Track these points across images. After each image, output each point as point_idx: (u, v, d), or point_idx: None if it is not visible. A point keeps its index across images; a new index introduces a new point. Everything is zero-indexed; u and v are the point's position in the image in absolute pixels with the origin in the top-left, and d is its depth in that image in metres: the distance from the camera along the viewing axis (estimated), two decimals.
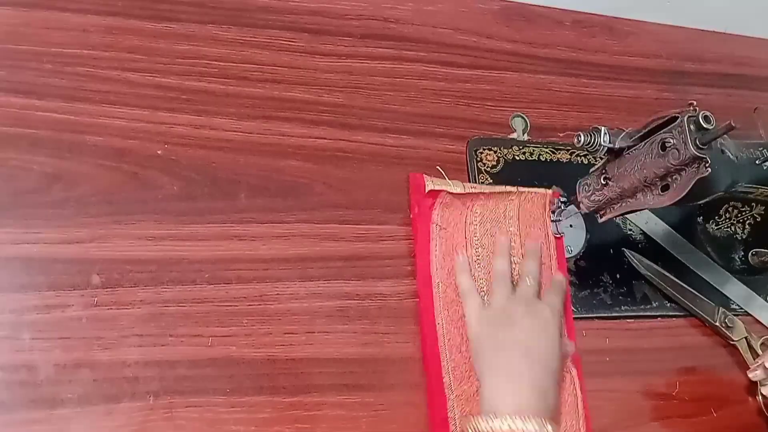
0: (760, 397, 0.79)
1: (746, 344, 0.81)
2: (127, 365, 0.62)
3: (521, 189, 0.77)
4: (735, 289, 0.84)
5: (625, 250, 0.81)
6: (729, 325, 0.80)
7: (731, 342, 0.81)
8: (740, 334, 0.81)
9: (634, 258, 0.81)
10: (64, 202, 0.65)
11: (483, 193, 0.76)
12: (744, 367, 0.80)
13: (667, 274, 0.81)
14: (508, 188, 0.77)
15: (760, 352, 0.80)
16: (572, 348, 0.72)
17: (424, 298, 0.71)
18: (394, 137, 0.77)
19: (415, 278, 0.72)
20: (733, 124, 0.61)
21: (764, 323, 0.83)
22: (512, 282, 0.72)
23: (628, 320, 0.79)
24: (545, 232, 0.78)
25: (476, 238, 0.75)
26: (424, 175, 0.75)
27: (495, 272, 0.72)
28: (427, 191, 0.74)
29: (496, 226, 0.76)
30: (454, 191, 0.74)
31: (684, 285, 0.81)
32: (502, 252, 0.74)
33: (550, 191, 0.78)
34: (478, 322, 0.69)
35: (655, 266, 0.81)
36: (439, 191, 0.74)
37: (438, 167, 0.77)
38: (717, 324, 0.80)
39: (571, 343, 0.72)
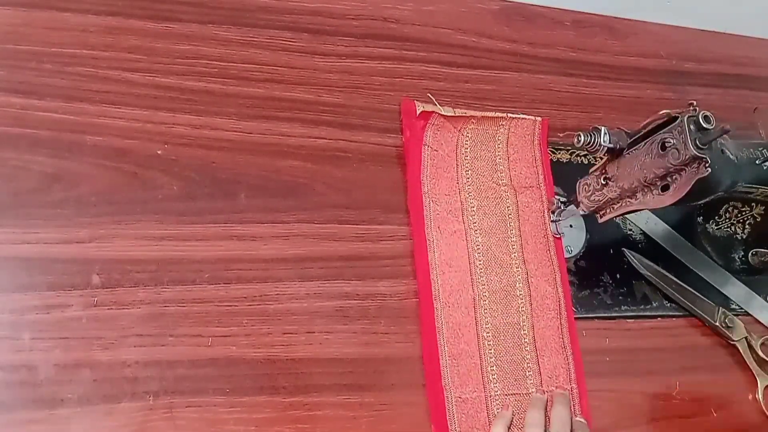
0: (760, 396, 0.79)
1: (746, 344, 0.81)
2: (127, 365, 0.62)
3: (511, 115, 0.80)
4: (735, 289, 0.84)
5: (624, 250, 0.81)
6: (729, 325, 0.80)
7: (731, 342, 0.81)
8: (740, 334, 0.81)
9: (634, 258, 0.81)
10: (64, 202, 0.65)
11: (474, 117, 0.78)
12: (744, 367, 0.80)
13: (667, 274, 0.81)
14: (499, 114, 0.79)
15: (760, 352, 0.80)
16: None
17: (416, 219, 0.74)
18: (394, 137, 0.77)
19: (415, 278, 0.73)
20: (728, 128, 0.61)
21: (764, 323, 0.83)
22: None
23: (628, 320, 0.79)
24: (533, 157, 0.80)
25: (467, 161, 0.76)
26: (415, 101, 0.77)
27: (527, 425, 0.68)
28: (418, 113, 0.76)
29: (486, 149, 0.78)
30: (445, 114, 0.77)
31: (684, 285, 0.81)
32: (536, 404, 0.70)
33: (539, 119, 0.81)
34: None
35: (655, 266, 0.81)
36: (431, 113, 0.76)
37: (429, 94, 0.79)
38: (717, 324, 0.80)
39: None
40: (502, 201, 0.77)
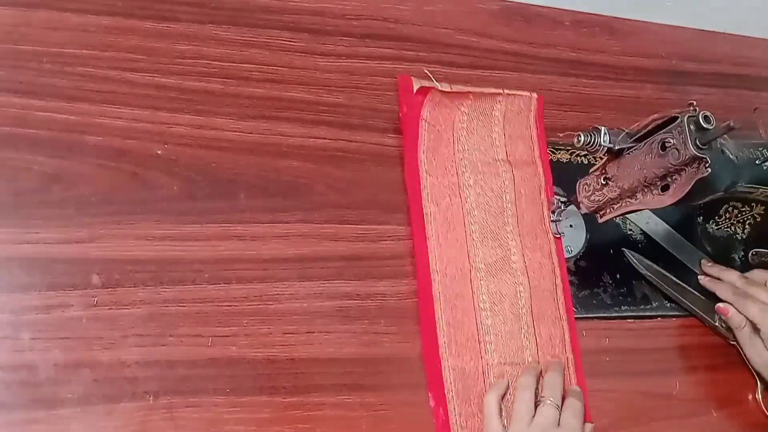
0: (759, 396, 0.79)
1: None
2: (127, 365, 0.62)
3: (508, 91, 0.81)
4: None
5: (624, 250, 0.81)
6: (728, 325, 0.80)
7: (730, 342, 0.81)
8: None
9: (634, 258, 0.81)
10: (64, 202, 0.65)
11: (471, 93, 0.79)
12: (743, 367, 0.80)
13: (667, 273, 0.81)
14: (495, 90, 0.80)
15: None
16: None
17: (413, 193, 0.74)
18: (394, 137, 0.77)
19: (415, 278, 0.73)
20: (733, 125, 0.61)
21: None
22: (536, 395, 0.69)
23: (628, 320, 0.79)
24: (529, 133, 0.81)
25: (463, 137, 0.77)
26: (412, 77, 0.78)
27: (518, 389, 0.69)
28: (416, 90, 0.77)
29: (483, 125, 0.79)
30: (443, 90, 0.77)
31: (684, 285, 0.81)
32: (529, 371, 0.71)
33: (535, 95, 0.82)
34: None
35: (655, 266, 0.81)
36: (429, 89, 0.77)
37: (426, 70, 0.79)
38: (716, 324, 0.80)
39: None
40: (499, 176, 0.78)
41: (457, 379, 0.70)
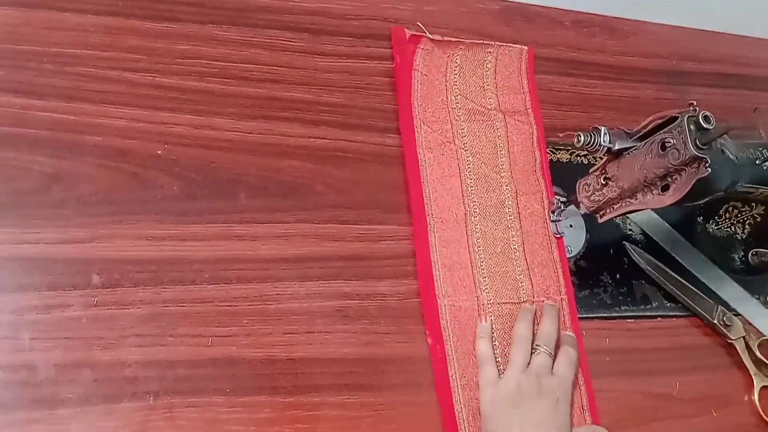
0: (756, 397, 0.79)
1: (744, 344, 0.80)
2: (127, 365, 0.62)
3: (499, 43, 0.83)
4: (731, 291, 0.84)
5: (626, 243, 0.81)
6: (727, 323, 0.80)
7: (729, 341, 0.81)
8: (738, 333, 0.80)
9: (635, 252, 0.81)
10: (64, 202, 0.65)
11: (462, 43, 0.81)
12: (743, 367, 0.80)
13: (667, 269, 0.81)
14: (487, 41, 0.82)
15: (757, 352, 0.80)
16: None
17: (407, 141, 0.76)
18: (394, 137, 0.77)
19: (415, 278, 0.73)
20: (733, 125, 0.61)
21: (758, 327, 0.83)
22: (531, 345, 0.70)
23: (628, 320, 0.79)
24: (521, 85, 0.82)
25: (456, 86, 0.79)
26: (405, 27, 0.79)
27: (514, 337, 0.70)
28: (408, 37, 0.78)
29: (475, 75, 0.80)
30: (434, 39, 0.79)
31: (683, 281, 0.81)
32: (524, 317, 0.72)
33: (526, 48, 0.84)
34: (490, 395, 0.68)
35: (655, 261, 0.81)
36: (420, 38, 0.79)
37: (418, 23, 0.81)
38: (715, 322, 0.80)
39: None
40: (492, 124, 0.80)
41: (454, 317, 0.71)
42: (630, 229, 0.83)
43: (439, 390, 0.69)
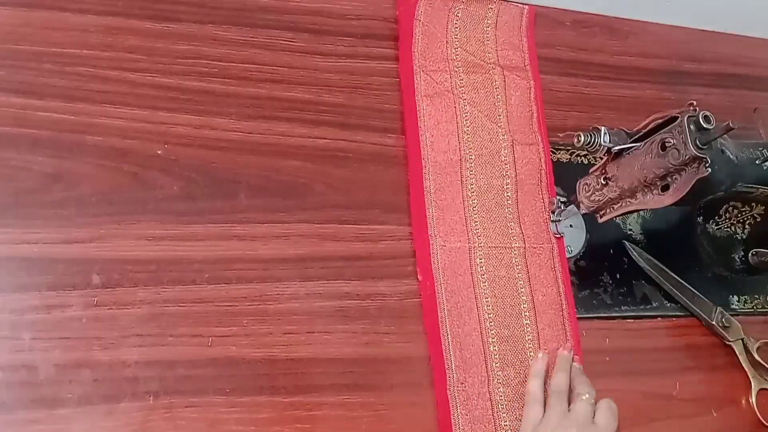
0: (753, 399, 0.79)
1: (742, 346, 0.80)
2: (127, 365, 0.62)
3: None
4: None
5: (625, 242, 0.81)
6: (726, 325, 0.80)
7: (727, 342, 0.80)
8: (737, 335, 0.80)
9: (634, 251, 0.81)
10: (64, 202, 0.65)
11: None
12: (741, 367, 0.80)
13: (666, 269, 0.81)
14: None
15: (755, 355, 0.80)
16: None
17: (407, 88, 0.78)
18: (394, 137, 0.77)
19: (416, 278, 0.73)
20: (732, 125, 0.61)
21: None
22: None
23: (628, 320, 0.79)
24: (520, 42, 0.84)
25: (456, 39, 0.81)
26: None
27: (553, 386, 0.70)
28: None
29: (475, 30, 0.82)
30: None
31: (683, 282, 0.81)
32: (563, 367, 0.71)
33: (527, 7, 0.85)
34: (531, 430, 0.66)
35: (655, 261, 0.81)
36: None
37: None
38: (714, 323, 0.80)
39: None
40: (490, 77, 0.81)
41: (445, 257, 0.73)
42: (630, 229, 0.83)
43: (427, 325, 0.71)
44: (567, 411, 0.67)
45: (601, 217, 0.75)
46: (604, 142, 0.69)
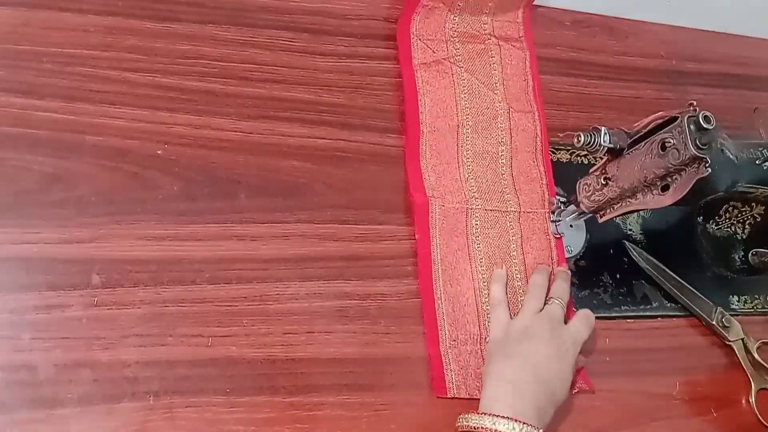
0: (753, 400, 0.79)
1: (742, 345, 0.80)
2: (127, 365, 0.62)
3: None
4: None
5: (625, 242, 0.81)
6: (726, 325, 0.80)
7: (727, 342, 0.80)
8: (737, 335, 0.80)
9: (634, 251, 0.81)
10: (64, 202, 0.65)
11: None
12: (741, 367, 0.80)
13: (666, 269, 0.81)
14: None
15: (755, 355, 0.79)
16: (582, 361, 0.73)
17: (404, 56, 0.80)
18: (394, 137, 0.77)
19: (416, 277, 0.73)
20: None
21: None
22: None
23: (628, 320, 0.79)
24: (515, 15, 0.84)
25: (454, 14, 0.81)
26: None
27: (531, 284, 0.73)
28: None
29: (474, 7, 0.82)
30: None
31: (683, 282, 0.81)
32: (540, 270, 0.75)
33: None
34: (500, 330, 0.70)
35: (654, 261, 0.81)
36: None
37: None
38: (714, 323, 0.80)
39: (582, 358, 0.72)
40: (486, 47, 0.83)
41: (442, 216, 0.74)
42: (630, 229, 0.83)
43: (421, 282, 0.72)
44: (541, 310, 0.70)
45: (601, 217, 0.75)
46: (604, 142, 0.69)
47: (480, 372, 0.70)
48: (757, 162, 0.72)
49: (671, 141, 0.65)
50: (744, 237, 0.88)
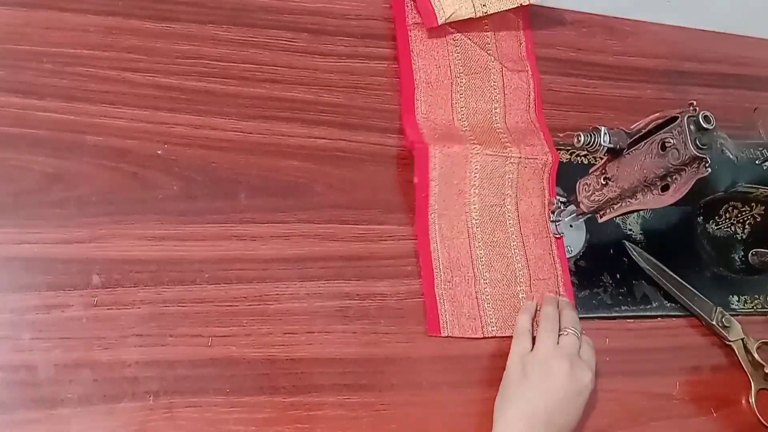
0: (753, 400, 0.79)
1: (742, 345, 0.80)
2: (127, 365, 0.62)
3: None
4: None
5: (625, 242, 0.81)
6: (726, 325, 0.80)
7: (727, 342, 0.80)
8: (737, 335, 0.80)
9: (634, 251, 0.81)
10: (64, 202, 0.65)
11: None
12: (740, 367, 0.80)
13: (666, 269, 0.81)
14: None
15: (755, 355, 0.80)
16: None
17: (403, 49, 0.80)
18: (394, 137, 0.77)
19: (417, 277, 0.73)
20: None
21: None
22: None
23: (628, 320, 0.79)
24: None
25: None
26: None
27: (543, 316, 0.73)
28: None
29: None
30: None
31: (683, 282, 0.81)
32: (548, 300, 0.75)
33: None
34: (519, 362, 0.69)
35: (654, 261, 0.81)
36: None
37: None
38: (714, 323, 0.80)
39: None
40: (481, 34, 0.83)
41: (443, 161, 0.75)
42: (630, 229, 0.83)
43: (417, 225, 0.74)
44: (557, 343, 0.70)
45: (601, 217, 0.75)
46: (604, 142, 0.69)
47: (473, 313, 0.73)
48: (757, 162, 0.72)
49: (671, 141, 0.65)
50: (744, 237, 0.88)
